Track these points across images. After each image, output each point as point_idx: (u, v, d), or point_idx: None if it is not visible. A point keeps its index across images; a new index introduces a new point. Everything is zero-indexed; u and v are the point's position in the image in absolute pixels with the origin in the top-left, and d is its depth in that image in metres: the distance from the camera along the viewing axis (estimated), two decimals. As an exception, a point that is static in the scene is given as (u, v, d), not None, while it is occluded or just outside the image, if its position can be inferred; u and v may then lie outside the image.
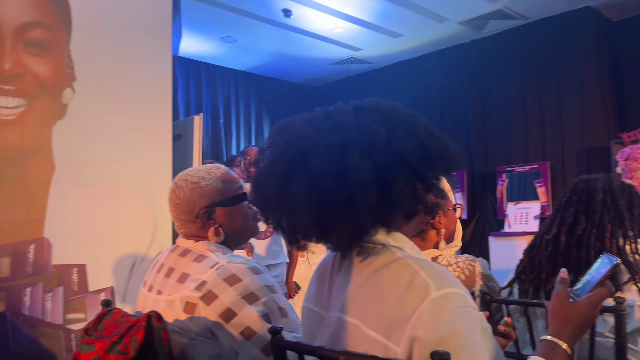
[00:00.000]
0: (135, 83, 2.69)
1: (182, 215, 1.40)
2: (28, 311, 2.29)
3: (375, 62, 6.73)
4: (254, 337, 1.17)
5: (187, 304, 1.24)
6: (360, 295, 0.87)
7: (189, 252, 1.35)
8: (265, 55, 6.41)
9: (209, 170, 1.43)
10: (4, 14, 2.27)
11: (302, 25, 5.45)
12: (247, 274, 1.24)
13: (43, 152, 2.38)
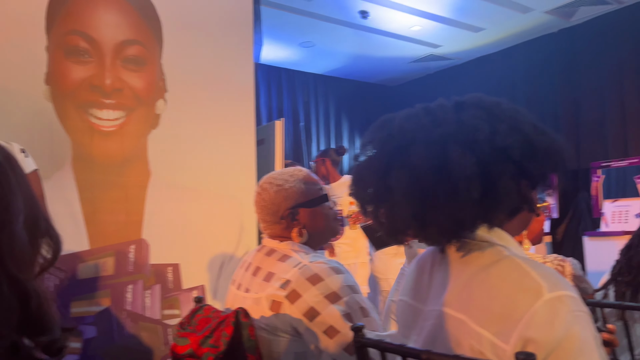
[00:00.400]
0: (221, 92, 2.83)
1: (268, 217, 1.46)
2: (130, 307, 2.48)
3: (455, 58, 6.57)
4: (337, 336, 1.20)
5: (273, 302, 1.29)
6: (467, 291, 0.87)
7: (274, 252, 1.41)
8: (343, 58, 6.46)
9: (291, 172, 1.48)
10: (104, 33, 2.48)
11: (379, 26, 5.44)
12: (328, 274, 1.27)
13: (140, 159, 2.57)
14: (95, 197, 2.42)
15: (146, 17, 2.62)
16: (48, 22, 2.36)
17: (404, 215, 0.89)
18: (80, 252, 2.37)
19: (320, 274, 1.27)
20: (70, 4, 2.42)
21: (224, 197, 2.79)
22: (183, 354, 1.29)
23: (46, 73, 2.35)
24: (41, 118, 2.33)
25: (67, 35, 2.40)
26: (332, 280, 1.26)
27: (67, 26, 2.41)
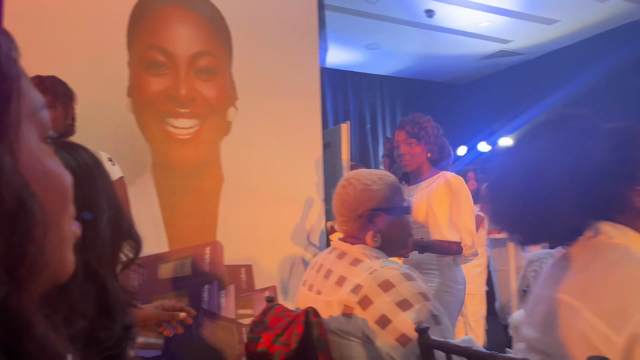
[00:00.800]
0: (288, 98, 2.91)
1: (346, 212, 1.45)
2: (206, 306, 2.60)
3: (528, 52, 6.32)
4: (409, 344, 1.19)
5: (345, 307, 1.29)
6: (588, 282, 0.91)
7: (346, 255, 1.41)
8: (409, 58, 6.40)
9: (381, 176, 1.47)
10: (178, 47, 2.63)
11: (445, 24, 5.35)
12: (400, 280, 1.26)
13: (213, 165, 2.69)
14: (173, 202, 2.56)
15: (217, 28, 2.74)
16: (129, 39, 2.53)
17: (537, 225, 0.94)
18: (160, 254, 2.52)
19: (391, 280, 1.26)
20: (147, 20, 2.58)
21: (293, 200, 2.86)
22: (256, 352, 1.34)
23: (128, 86, 2.52)
24: (124, 128, 2.49)
25: (146, 50, 2.56)
26: (404, 287, 1.25)
27: (146, 41, 2.57)
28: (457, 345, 0.88)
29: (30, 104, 0.36)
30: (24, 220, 0.33)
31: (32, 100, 0.37)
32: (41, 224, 0.34)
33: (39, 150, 0.37)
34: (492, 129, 6.78)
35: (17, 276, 0.32)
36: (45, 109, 0.39)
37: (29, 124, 0.36)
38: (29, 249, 0.33)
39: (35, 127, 0.37)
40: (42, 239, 0.34)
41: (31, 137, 0.36)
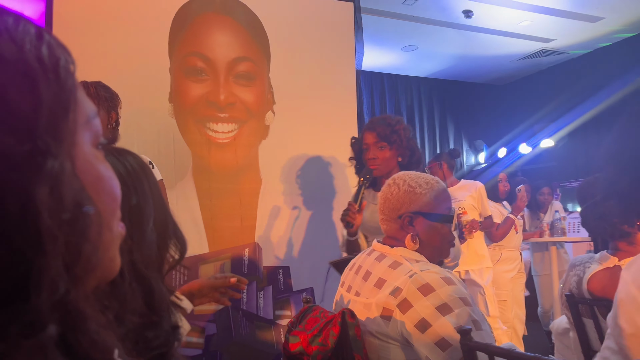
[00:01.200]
0: (324, 101, 2.93)
1: (387, 211, 1.46)
2: (245, 307, 2.64)
3: (570, 51, 6.15)
4: (449, 349, 1.18)
5: (384, 309, 1.29)
6: None
7: (385, 258, 1.41)
8: (446, 59, 6.33)
9: (428, 180, 1.46)
10: (217, 53, 2.69)
11: (484, 24, 5.27)
12: (440, 284, 1.25)
13: (252, 168, 2.74)
14: (213, 204, 2.62)
15: (255, 34, 2.80)
16: (170, 47, 2.61)
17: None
18: (201, 255, 2.58)
19: (431, 283, 1.25)
20: (188, 28, 2.65)
21: (330, 202, 2.87)
22: (294, 352, 1.36)
23: (169, 92, 2.60)
24: (166, 133, 2.57)
25: (187, 56, 2.63)
26: (444, 291, 1.24)
27: (186, 49, 2.64)
28: (501, 348, 0.87)
29: (85, 113, 0.39)
30: (82, 221, 0.35)
31: (87, 109, 0.39)
32: (96, 224, 0.37)
33: (92, 156, 0.39)
34: (533, 130, 6.62)
35: (74, 273, 0.34)
36: (97, 117, 0.42)
37: (83, 131, 0.38)
38: (85, 247, 0.35)
39: (89, 134, 0.39)
40: (96, 239, 0.37)
41: (85, 143, 0.39)
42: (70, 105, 0.36)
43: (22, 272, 0.31)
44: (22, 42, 0.34)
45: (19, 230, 0.31)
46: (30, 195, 0.31)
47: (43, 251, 0.32)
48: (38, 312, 0.31)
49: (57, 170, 0.33)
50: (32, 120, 0.33)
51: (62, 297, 0.33)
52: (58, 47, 0.38)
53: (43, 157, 0.32)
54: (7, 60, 0.33)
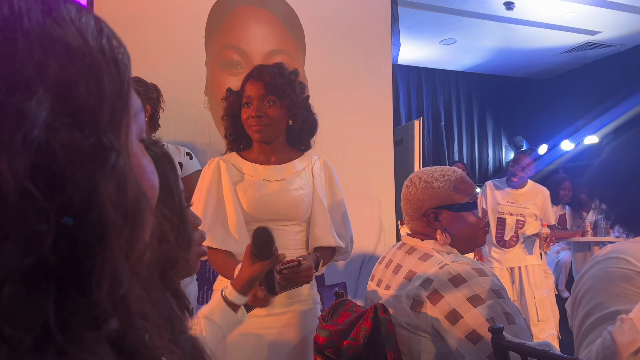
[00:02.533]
0: (360, 95, 2.90)
1: (411, 211, 1.45)
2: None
3: (618, 44, 5.91)
4: (480, 342, 1.16)
5: (414, 301, 1.27)
6: None
7: (415, 250, 1.39)
8: (486, 53, 6.19)
9: (445, 172, 1.44)
10: (253, 45, 2.69)
11: (526, 16, 5.11)
12: (472, 276, 1.23)
13: (286, 161, 2.74)
14: (247, 197, 2.63)
15: (290, 27, 2.79)
16: (206, 40, 2.63)
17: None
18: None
19: (463, 274, 1.23)
20: (224, 21, 2.66)
21: (364, 197, 2.85)
22: (324, 345, 1.35)
23: (205, 85, 2.62)
24: (201, 125, 2.60)
25: (222, 49, 2.65)
26: (476, 282, 1.21)
27: (222, 41, 2.66)
28: (534, 348, 0.83)
29: (133, 106, 0.38)
30: (141, 216, 0.35)
31: (135, 102, 0.39)
32: (149, 222, 0.36)
33: (138, 150, 0.39)
34: (577, 126, 6.40)
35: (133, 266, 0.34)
36: (143, 112, 0.42)
37: (132, 125, 0.38)
38: (139, 246, 0.35)
39: (136, 127, 0.39)
40: (147, 236, 0.36)
41: (134, 137, 0.38)
42: (129, 99, 0.36)
43: (87, 266, 0.31)
44: (86, 33, 0.34)
45: (85, 224, 0.30)
46: (96, 190, 0.31)
47: (108, 245, 0.31)
48: (100, 306, 0.31)
49: (122, 165, 0.33)
50: (97, 114, 0.32)
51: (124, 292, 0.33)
52: (116, 39, 0.37)
53: (106, 151, 0.32)
54: (75, 53, 0.32)
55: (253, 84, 1.61)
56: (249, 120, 1.60)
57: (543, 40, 5.76)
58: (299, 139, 1.74)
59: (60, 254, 0.29)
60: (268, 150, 1.66)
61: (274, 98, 1.59)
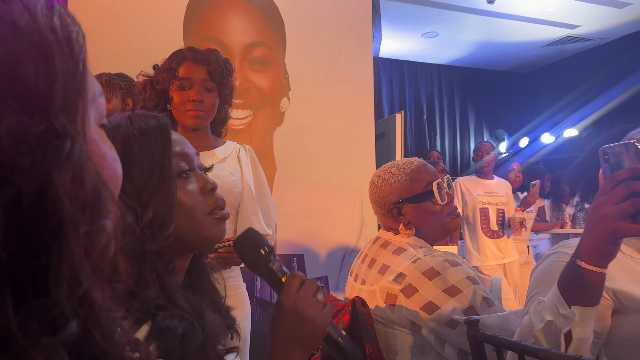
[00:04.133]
0: (341, 88, 2.89)
1: (378, 209, 1.46)
2: (259, 294, 2.64)
3: (597, 38, 5.98)
4: (458, 327, 1.17)
5: (388, 295, 1.29)
6: None
7: (389, 244, 1.40)
8: (468, 46, 6.22)
9: (401, 166, 1.44)
10: (232, 38, 2.66)
11: (507, 10, 5.14)
12: (444, 267, 1.24)
13: (267, 155, 2.72)
14: (227, 191, 2.61)
15: (270, 19, 2.76)
16: (185, 31, 2.60)
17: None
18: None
19: (436, 267, 1.24)
20: (203, 12, 2.63)
21: (345, 190, 2.84)
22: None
23: (184, 78, 2.58)
24: (181, 119, 2.56)
25: (201, 41, 2.61)
26: (449, 273, 1.23)
27: (201, 33, 2.62)
28: (508, 340, 0.84)
29: (91, 89, 0.36)
30: (101, 208, 0.32)
31: (93, 84, 0.37)
32: (111, 213, 0.34)
33: (97, 136, 0.36)
34: (557, 119, 6.48)
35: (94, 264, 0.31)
36: (103, 96, 0.39)
37: (91, 110, 0.35)
38: (100, 240, 0.32)
39: (95, 112, 0.37)
40: (110, 229, 0.34)
41: (92, 122, 0.36)
42: (84, 81, 0.34)
43: (42, 264, 0.28)
44: (35, 10, 0.31)
45: (38, 219, 0.28)
46: (49, 180, 0.28)
47: (65, 241, 0.29)
48: (59, 307, 0.29)
49: (78, 152, 0.31)
50: (48, 97, 0.30)
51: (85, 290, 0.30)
52: (69, 18, 0.34)
53: (60, 138, 0.30)
54: (22, 31, 0.30)
55: (195, 67, 1.55)
56: (187, 104, 1.52)
57: (524, 34, 5.80)
58: (217, 127, 1.70)
59: (12, 252, 0.27)
60: (195, 136, 1.58)
61: (214, 85, 1.55)
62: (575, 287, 0.80)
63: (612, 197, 0.76)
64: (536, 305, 0.85)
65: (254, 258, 0.84)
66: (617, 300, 0.93)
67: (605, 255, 0.78)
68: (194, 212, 0.79)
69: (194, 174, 0.82)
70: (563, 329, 0.79)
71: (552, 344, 0.79)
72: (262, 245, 0.83)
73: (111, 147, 0.38)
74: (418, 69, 6.82)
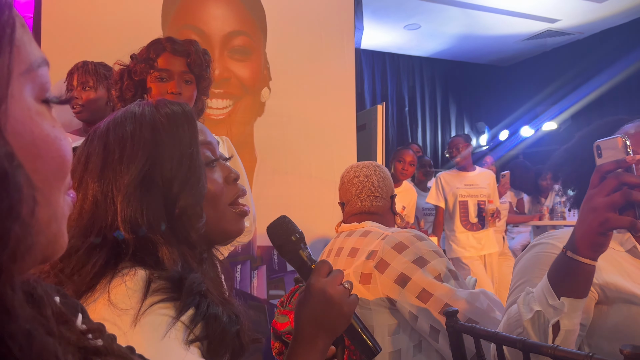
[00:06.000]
0: (322, 79, 2.87)
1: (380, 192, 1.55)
2: (239, 286, 2.62)
3: (576, 32, 6.04)
4: (430, 300, 1.22)
5: (362, 275, 1.32)
6: None
7: (354, 232, 1.45)
8: (450, 39, 6.23)
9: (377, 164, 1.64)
10: (212, 26, 2.62)
11: (488, 3, 5.16)
12: (412, 241, 1.30)
13: (247, 146, 2.69)
14: (207, 182, 2.58)
15: (251, 8, 2.72)
16: (163, 19, 2.54)
17: None
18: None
19: (404, 241, 1.30)
20: (182, 0, 2.58)
21: (326, 181, 2.83)
22: (283, 331, 1.34)
23: (163, 66, 2.53)
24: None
25: (180, 30, 2.56)
26: (418, 246, 1.30)
27: (180, 21, 2.57)
28: (487, 330, 0.84)
29: (25, 59, 0.32)
30: (7, 196, 0.28)
31: (29, 55, 0.32)
32: (28, 199, 0.30)
33: (32, 113, 0.32)
34: (536, 112, 6.55)
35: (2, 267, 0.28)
36: (46, 67, 0.34)
37: (22, 82, 0.31)
38: (13, 228, 0.28)
39: (31, 86, 0.32)
40: (29, 217, 0.30)
41: (24, 97, 0.32)
42: (1, 48, 0.29)
43: None
44: None
45: None
46: None
47: None
48: None
49: None
50: None
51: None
52: None
53: None
54: None
55: (174, 59, 1.53)
56: (165, 96, 1.50)
57: (505, 28, 5.84)
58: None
59: None
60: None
61: (192, 77, 1.53)
62: (566, 279, 0.80)
63: (602, 189, 0.76)
64: (525, 296, 0.86)
65: (285, 244, 0.86)
66: (601, 291, 0.94)
67: (596, 247, 0.78)
68: (218, 203, 0.78)
69: (218, 163, 0.81)
70: (551, 319, 0.79)
71: (540, 335, 0.80)
72: (294, 232, 0.86)
73: (55, 126, 0.34)
74: (400, 61, 6.82)
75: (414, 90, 6.97)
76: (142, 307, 0.61)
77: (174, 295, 0.63)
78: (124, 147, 0.69)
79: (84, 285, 0.64)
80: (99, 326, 0.44)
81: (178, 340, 0.60)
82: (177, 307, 0.63)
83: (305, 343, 0.77)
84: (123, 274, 0.64)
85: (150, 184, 0.69)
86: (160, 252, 0.67)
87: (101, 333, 0.43)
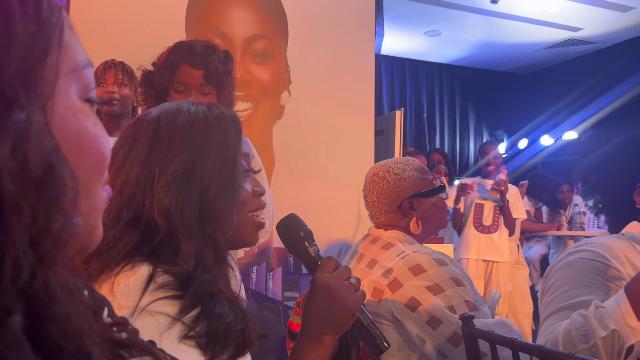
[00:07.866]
0: (341, 83, 2.88)
1: (384, 205, 1.44)
2: (254, 287, 2.64)
3: (599, 41, 5.98)
4: (440, 327, 1.18)
5: (375, 289, 1.30)
6: None
7: (378, 240, 1.41)
8: (470, 46, 6.21)
9: (407, 162, 1.46)
10: (234, 30, 2.65)
11: (510, 11, 5.14)
12: (431, 265, 1.25)
13: (266, 148, 2.71)
14: (225, 183, 2.60)
15: (273, 12, 2.75)
16: (187, 22, 2.59)
17: None
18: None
19: (423, 264, 1.25)
20: (206, 4, 2.62)
21: (343, 185, 2.84)
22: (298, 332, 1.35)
23: (185, 69, 2.57)
24: (180, 110, 2.56)
25: (203, 33, 2.60)
26: (435, 271, 1.24)
27: (203, 25, 2.61)
28: (502, 336, 0.84)
29: (72, 59, 0.33)
30: (53, 187, 0.29)
31: (76, 55, 0.34)
32: (71, 191, 0.31)
33: (76, 110, 0.34)
34: (556, 121, 6.48)
35: (42, 250, 0.29)
36: (90, 68, 0.36)
37: (68, 81, 0.33)
38: (57, 217, 0.29)
39: (76, 85, 0.34)
40: (71, 207, 0.31)
41: (69, 95, 0.33)
42: (51, 48, 0.31)
43: None
44: None
45: None
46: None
47: (4, 225, 0.26)
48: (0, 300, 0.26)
49: (23, 124, 0.27)
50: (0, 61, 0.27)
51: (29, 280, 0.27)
52: None
53: (7, 107, 0.27)
54: None
55: (190, 71, 1.50)
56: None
57: (526, 35, 5.80)
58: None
59: None
60: None
61: (211, 88, 1.50)
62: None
63: None
64: (596, 311, 0.84)
65: (293, 240, 0.89)
66: None
67: None
68: (242, 210, 0.80)
69: (249, 174, 0.84)
70: (628, 341, 0.78)
71: (612, 354, 0.79)
72: (301, 229, 0.89)
73: (95, 123, 0.35)
74: (419, 67, 6.81)
75: (433, 96, 6.95)
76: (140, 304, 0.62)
77: (177, 294, 0.65)
78: (174, 137, 0.72)
79: (113, 263, 0.66)
80: (123, 320, 0.46)
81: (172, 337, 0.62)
82: (180, 305, 0.64)
83: (310, 338, 0.78)
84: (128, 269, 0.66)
85: (191, 178, 0.71)
86: (182, 245, 0.68)
87: (125, 327, 0.45)
